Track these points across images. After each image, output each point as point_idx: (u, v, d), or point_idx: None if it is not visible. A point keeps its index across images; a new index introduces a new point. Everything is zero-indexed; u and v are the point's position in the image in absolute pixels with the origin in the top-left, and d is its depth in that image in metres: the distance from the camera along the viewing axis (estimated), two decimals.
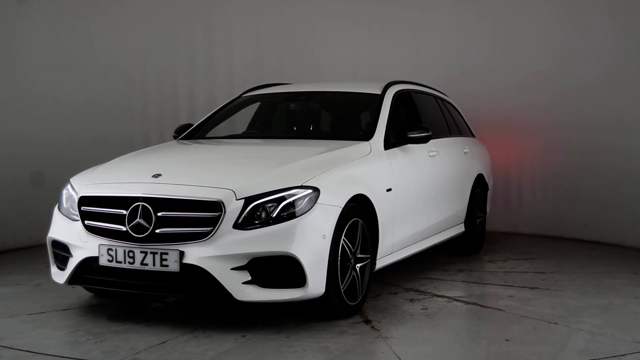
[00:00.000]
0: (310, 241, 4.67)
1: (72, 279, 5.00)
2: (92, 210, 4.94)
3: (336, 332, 4.70)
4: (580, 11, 8.61)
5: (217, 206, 4.63)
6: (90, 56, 8.58)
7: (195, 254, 4.58)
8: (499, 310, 5.31)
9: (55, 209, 5.32)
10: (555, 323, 4.93)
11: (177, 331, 4.68)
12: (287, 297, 4.65)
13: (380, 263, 5.56)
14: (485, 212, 8.01)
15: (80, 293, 5.64)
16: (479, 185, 7.75)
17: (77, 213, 5.00)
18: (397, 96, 6.49)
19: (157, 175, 4.92)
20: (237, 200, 4.65)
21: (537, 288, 6.05)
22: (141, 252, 4.68)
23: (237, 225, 4.61)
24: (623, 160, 8.17)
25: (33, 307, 5.32)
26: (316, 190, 4.79)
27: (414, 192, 6.11)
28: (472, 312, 5.28)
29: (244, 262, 4.58)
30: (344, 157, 5.42)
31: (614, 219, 8.27)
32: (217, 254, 4.56)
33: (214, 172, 5.04)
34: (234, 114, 6.83)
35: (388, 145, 5.86)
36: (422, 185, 6.29)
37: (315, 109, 6.79)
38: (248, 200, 4.66)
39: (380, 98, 6.31)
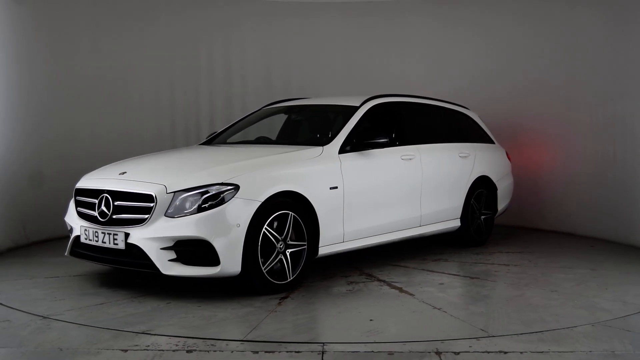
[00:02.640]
0: (223, 228, 4.97)
1: (71, 252, 5.68)
2: (80, 199, 5.60)
3: (245, 304, 4.93)
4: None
5: (151, 198, 5.09)
6: (123, 76, 8.74)
7: (136, 235, 5.04)
8: (410, 295, 5.25)
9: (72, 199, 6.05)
10: (439, 309, 4.84)
11: (126, 296, 5.14)
12: (203, 274, 4.99)
13: (325, 250, 5.70)
14: (494, 210, 7.80)
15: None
16: (483, 186, 7.58)
17: (74, 201, 5.72)
18: (376, 108, 6.60)
19: (122, 173, 5.49)
20: (167, 193, 5.06)
21: (477, 278, 5.87)
22: (102, 232, 5.23)
23: (167, 214, 5.02)
24: None
25: (56, 272, 5.97)
26: (236, 186, 5.11)
27: (373, 190, 6.15)
28: (383, 295, 5.27)
29: (171, 244, 4.97)
30: (289, 159, 5.66)
31: None
32: (151, 236, 4.99)
33: (162, 171, 5.46)
34: (252, 123, 7.19)
35: (343, 150, 6.04)
36: (386, 184, 6.30)
37: (306, 119, 7.02)
38: (177, 193, 5.08)
39: (355, 109, 6.47)
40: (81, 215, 5.52)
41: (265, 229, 5.18)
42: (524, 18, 8.97)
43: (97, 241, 5.27)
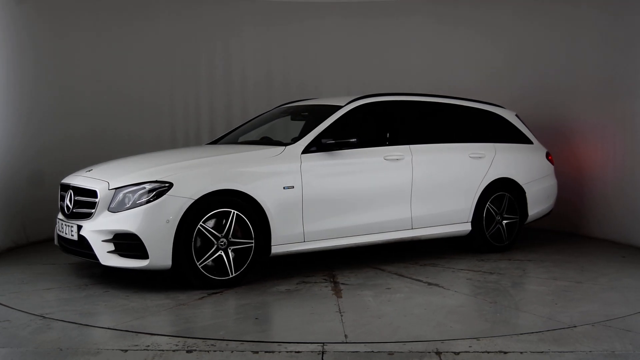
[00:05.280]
0: (152, 223, 5.24)
1: (58, 242, 6.25)
2: (61, 194, 6.16)
3: (171, 297, 5.17)
4: None
5: (95, 193, 5.51)
6: (124, 79, 8.78)
7: (86, 228, 5.46)
8: (339, 297, 5.18)
9: None
10: (341, 313, 4.74)
11: (81, 284, 5.60)
12: (135, 266, 5.30)
13: (280, 249, 5.77)
14: (522, 214, 7.28)
15: None
16: (506, 188, 7.16)
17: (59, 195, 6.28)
18: (365, 107, 6.59)
19: (89, 170, 5.96)
20: (109, 189, 5.46)
21: (436, 285, 5.59)
22: (65, 225, 5.74)
23: (110, 208, 5.41)
24: None
25: (57, 260, 6.52)
26: (170, 184, 5.36)
27: (342, 191, 6.09)
28: (313, 296, 5.23)
29: (110, 237, 5.34)
30: (241, 159, 5.85)
31: None
32: (95, 229, 5.40)
33: (117, 169, 5.80)
34: (261, 124, 7.37)
35: (308, 150, 6.04)
36: (360, 185, 6.21)
37: (298, 119, 7.06)
38: (117, 190, 5.43)
39: (337, 109, 6.44)
40: (60, 208, 6.08)
41: (201, 225, 5.39)
42: (528, 17, 8.68)
43: (62, 232, 5.80)
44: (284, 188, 5.81)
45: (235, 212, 5.53)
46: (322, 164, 6.05)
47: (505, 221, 7.18)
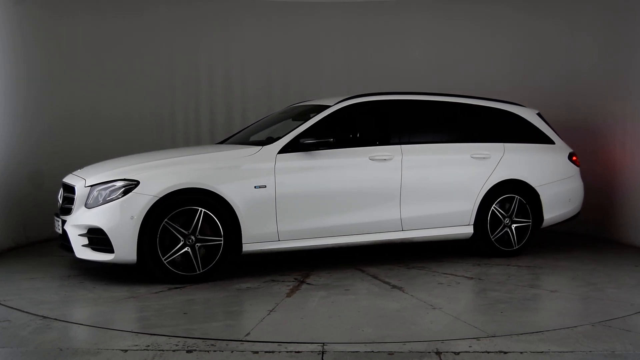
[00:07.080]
0: (117, 219, 5.54)
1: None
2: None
3: (131, 290, 5.44)
4: None
5: (73, 190, 5.89)
6: (126, 78, 8.88)
7: (68, 223, 5.87)
8: (289, 297, 5.23)
9: None
10: (271, 311, 4.81)
11: (64, 275, 6.02)
12: (102, 259, 5.64)
13: (252, 247, 5.91)
14: (536, 218, 6.96)
15: None
16: (516, 190, 6.88)
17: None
18: (356, 107, 6.60)
19: (80, 168, 6.36)
20: (85, 187, 5.82)
21: (399, 289, 5.50)
22: (56, 220, 6.19)
23: (86, 205, 5.77)
24: None
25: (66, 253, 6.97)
26: (137, 182, 5.64)
27: (320, 191, 6.13)
28: (265, 294, 5.33)
29: (84, 231, 5.70)
30: (213, 158, 6.04)
31: None
32: (73, 224, 5.79)
33: (99, 167, 6.13)
34: (272, 123, 7.45)
35: (285, 150, 6.11)
36: (340, 185, 6.21)
37: (298, 120, 7.07)
38: (92, 187, 5.78)
39: (324, 109, 6.46)
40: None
41: (167, 222, 5.62)
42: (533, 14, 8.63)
43: (55, 227, 6.24)
44: (255, 187, 5.93)
45: (203, 210, 5.74)
46: (299, 164, 6.11)
47: (514, 225, 6.90)
